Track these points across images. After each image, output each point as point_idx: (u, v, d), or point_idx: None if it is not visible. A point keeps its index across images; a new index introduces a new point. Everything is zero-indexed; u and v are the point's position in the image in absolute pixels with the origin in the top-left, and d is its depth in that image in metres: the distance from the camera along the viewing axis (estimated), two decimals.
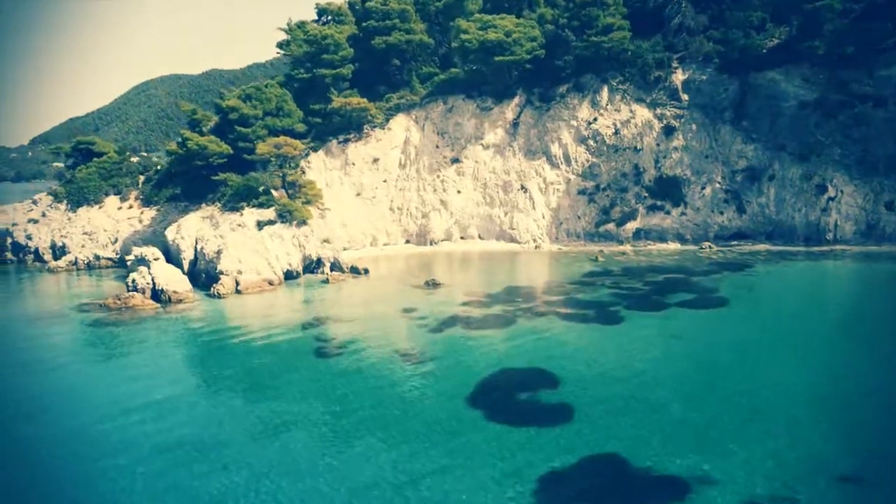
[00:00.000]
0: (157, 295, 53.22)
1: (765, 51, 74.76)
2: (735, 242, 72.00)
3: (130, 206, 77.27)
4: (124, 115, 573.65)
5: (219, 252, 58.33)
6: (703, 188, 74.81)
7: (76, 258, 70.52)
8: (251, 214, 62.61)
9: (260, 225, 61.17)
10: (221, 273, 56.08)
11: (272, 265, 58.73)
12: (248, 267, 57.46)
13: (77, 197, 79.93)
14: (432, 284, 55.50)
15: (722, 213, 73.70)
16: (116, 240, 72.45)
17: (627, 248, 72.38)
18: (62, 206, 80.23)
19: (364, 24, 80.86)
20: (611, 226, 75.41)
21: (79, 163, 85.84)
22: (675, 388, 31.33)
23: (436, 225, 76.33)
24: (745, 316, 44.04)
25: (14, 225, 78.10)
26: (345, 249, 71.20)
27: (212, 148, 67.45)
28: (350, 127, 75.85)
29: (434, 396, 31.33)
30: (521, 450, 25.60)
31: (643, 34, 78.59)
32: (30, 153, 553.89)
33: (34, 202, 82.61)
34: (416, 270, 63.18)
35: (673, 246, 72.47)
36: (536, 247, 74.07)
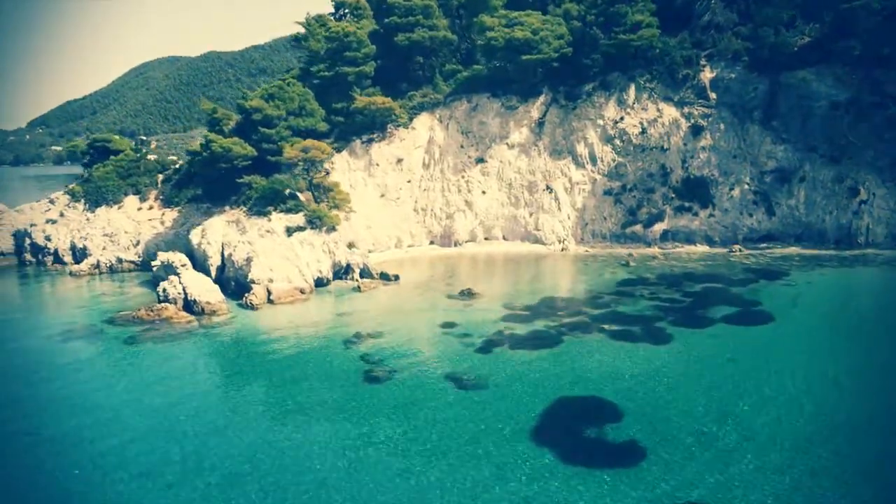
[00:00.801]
0: (189, 305, 52.44)
1: (796, 49, 73.43)
2: (764, 245, 71.26)
3: (151, 207, 76.24)
4: (122, 97, 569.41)
5: (248, 260, 57.48)
6: (731, 189, 73.89)
7: (98, 261, 69.60)
8: (279, 220, 61.63)
9: (289, 231, 60.24)
10: (253, 282, 55.27)
11: (303, 273, 57.90)
12: (278, 275, 56.63)
13: (95, 196, 78.90)
14: (467, 294, 54.76)
15: (751, 214, 72.85)
16: (138, 242, 71.49)
17: (656, 250, 71.65)
18: (80, 206, 79.23)
19: (386, 20, 79.17)
20: (638, 227, 74.57)
21: (95, 161, 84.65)
22: (746, 424, 30.68)
23: (460, 226, 75.46)
24: (795, 334, 43.38)
25: (32, 225, 77.06)
26: (370, 252, 70.44)
27: (236, 150, 66.28)
28: (373, 126, 74.61)
29: (497, 432, 30.63)
30: (601, 500, 25.01)
31: (669, 30, 77.16)
32: (28, 136, 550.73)
33: (51, 201, 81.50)
34: (446, 277, 62.40)
35: (701, 248, 71.73)
36: (563, 249, 73.30)
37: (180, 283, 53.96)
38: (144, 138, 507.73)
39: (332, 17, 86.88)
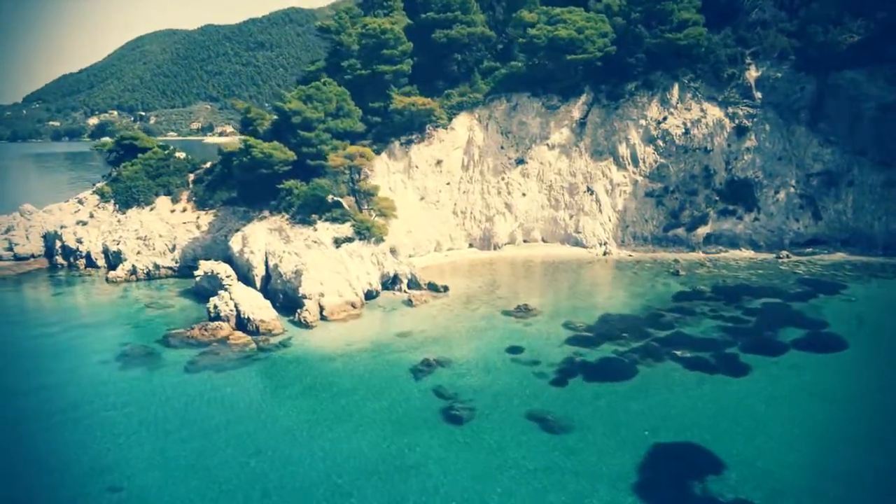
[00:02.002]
0: (242, 323, 51.32)
1: (845, 48, 71.54)
2: (810, 250, 70.13)
3: (184, 209, 74.69)
4: (119, 72, 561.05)
5: (297, 272, 56.26)
6: (776, 192, 72.62)
7: (134, 266, 68.22)
8: (326, 230, 60.27)
9: (337, 242, 58.93)
10: (304, 297, 54.09)
11: (353, 286, 56.76)
12: (329, 289, 55.49)
13: (125, 197, 77.30)
14: (524, 310, 53.77)
15: (797, 219, 71.69)
16: (174, 247, 70.08)
17: (701, 255, 70.59)
18: (110, 207, 77.71)
19: (423, 15, 76.83)
20: (680, 230, 73.42)
21: (122, 158, 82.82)
22: (857, 479, 29.98)
23: (500, 229, 74.18)
24: (874, 364, 42.60)
25: (62, 227, 75.49)
26: (410, 256, 69.31)
27: (277, 155, 64.58)
28: (412, 127, 72.78)
29: (596, 488, 29.82)
30: None
31: (712, 26, 75.01)
32: (24, 112, 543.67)
33: (80, 201, 79.83)
34: (494, 287, 61.29)
35: (747, 253, 70.68)
36: (605, 253, 72.19)
37: (231, 298, 52.77)
38: (143, 114, 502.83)
39: (357, 11, 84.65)
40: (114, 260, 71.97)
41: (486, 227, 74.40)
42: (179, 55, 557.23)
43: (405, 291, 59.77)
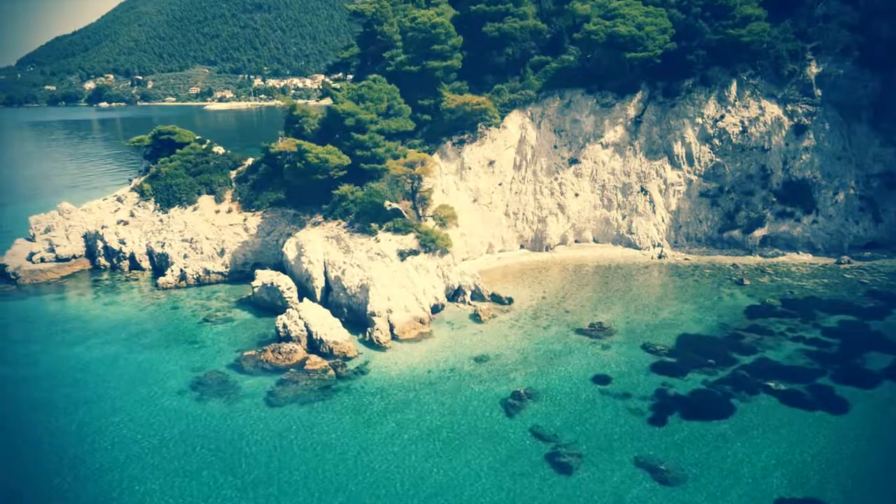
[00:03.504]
0: (314, 344, 50.24)
1: None
2: (868, 253, 69.10)
3: (229, 210, 72.91)
4: (114, 33, 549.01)
5: (363, 287, 54.99)
6: (835, 193, 71.19)
7: (183, 271, 66.83)
8: (389, 241, 58.77)
9: (402, 255, 57.53)
10: (373, 314, 52.94)
11: (419, 301, 55.60)
12: (396, 304, 54.34)
13: (166, 195, 75.40)
14: (598, 329, 52.84)
15: (857, 221, 70.43)
16: (223, 251, 68.53)
17: (758, 259, 69.44)
18: (150, 205, 75.88)
19: (472, 8, 73.83)
20: (736, 232, 72.13)
21: (159, 153, 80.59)
22: None
23: (552, 230, 72.77)
24: None
25: (104, 227, 73.70)
26: (463, 259, 68.10)
27: (332, 160, 62.67)
28: (463, 125, 70.60)
29: None
30: None
31: (772, 19, 72.41)
32: (19, 75, 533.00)
33: (119, 199, 77.89)
34: (559, 298, 60.14)
35: (805, 257, 69.55)
36: (660, 256, 70.99)
37: (301, 318, 51.59)
38: (140, 78, 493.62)
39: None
40: (159, 262, 70.54)
41: (539, 228, 72.96)
42: (175, 17, 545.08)
43: (470, 304, 58.69)
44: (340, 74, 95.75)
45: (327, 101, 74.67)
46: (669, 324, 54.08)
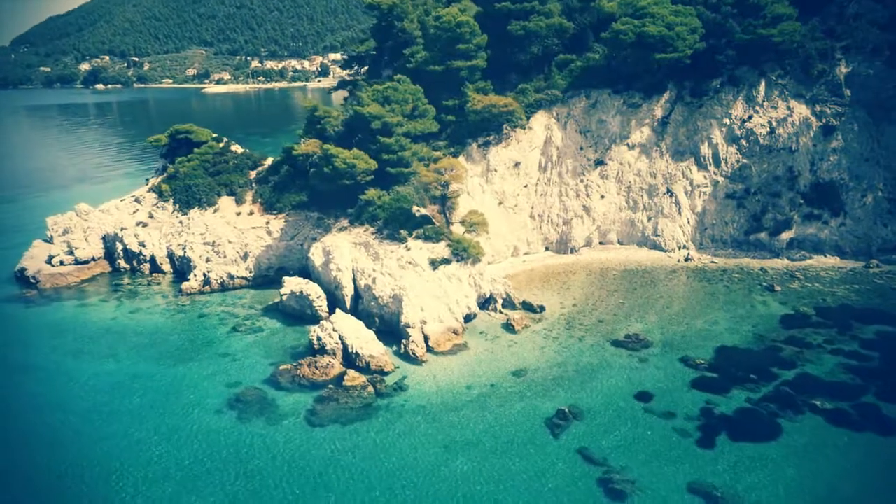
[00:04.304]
0: (349, 357, 49.76)
1: None
2: None
3: (251, 213, 71.96)
4: (108, 13, 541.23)
5: (396, 298, 54.36)
6: (863, 195, 70.53)
7: (207, 276, 66.01)
8: (420, 250, 58.04)
9: (434, 265, 56.86)
10: (407, 326, 52.39)
11: (452, 311, 55.03)
12: (430, 315, 53.78)
13: (185, 196, 74.39)
14: (634, 340, 52.43)
15: (885, 224, 69.80)
16: (246, 255, 67.68)
17: (785, 262, 68.99)
18: (169, 206, 74.86)
19: (497, 5, 72.30)
20: (763, 235, 71.52)
21: (176, 152, 79.39)
22: None
23: (577, 232, 72.10)
24: None
25: (123, 229, 72.71)
26: (489, 263, 67.33)
27: (360, 165, 61.68)
28: (489, 126, 69.56)
29: None
30: None
31: (800, 17, 71.07)
32: (13, 56, 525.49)
33: (137, 200, 76.81)
34: (590, 306, 59.58)
35: (832, 260, 69.08)
36: (687, 258, 70.44)
37: (335, 330, 51.00)
38: (137, 60, 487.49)
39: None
40: (180, 265, 69.74)
41: (564, 230, 72.28)
42: None
43: (501, 312, 58.18)
44: (355, 69, 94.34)
45: (326, 84, 73.50)
46: (705, 334, 53.69)
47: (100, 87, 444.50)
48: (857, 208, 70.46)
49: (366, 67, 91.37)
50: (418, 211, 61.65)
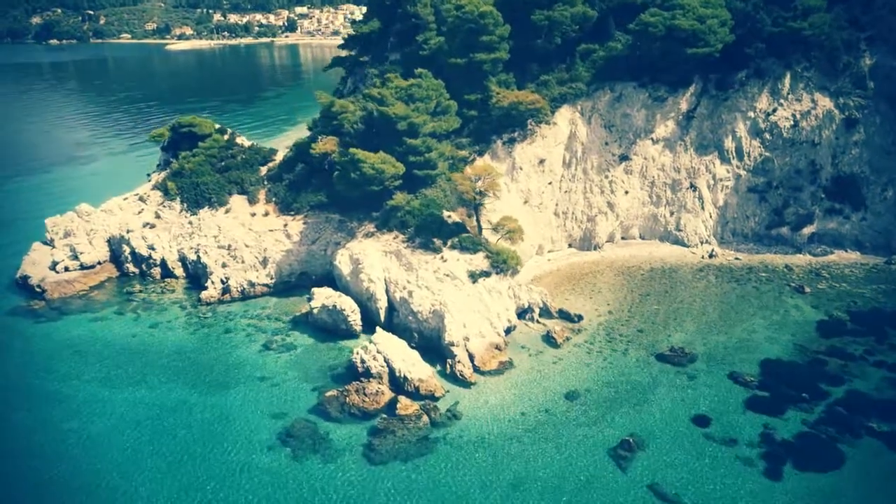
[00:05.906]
0: (396, 381, 48.44)
1: None
2: None
3: (266, 213, 69.05)
4: None
5: (436, 312, 52.87)
6: (883, 190, 70.76)
7: (226, 283, 63.43)
8: (457, 261, 56.42)
9: (473, 277, 55.36)
10: (452, 344, 51.14)
11: (494, 325, 53.94)
12: (472, 331, 52.60)
13: (193, 194, 71.00)
14: (679, 354, 52.11)
15: None
16: (265, 260, 65.06)
17: (808, 258, 69.28)
18: (176, 206, 71.43)
19: None
20: (784, 229, 71.52)
21: (178, 146, 75.43)
22: None
23: (601, 229, 71.12)
24: None
25: (129, 231, 69.22)
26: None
27: (388, 170, 59.21)
28: (512, 122, 67.35)
29: None
30: None
31: (826, 7, 69.75)
32: None
33: (141, 198, 73.01)
34: (626, 313, 58.93)
35: (853, 255, 69.60)
36: (711, 255, 70.17)
37: (378, 352, 49.51)
38: (91, 13, 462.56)
39: None
40: (193, 270, 66.91)
41: (588, 227, 71.20)
42: None
43: (539, 321, 57.27)
44: (353, 52, 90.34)
45: (294, 40, 69.97)
46: (746, 345, 53.66)
47: (53, 42, 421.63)
48: (878, 202, 70.71)
49: (367, 55, 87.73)
50: (449, 217, 59.78)
